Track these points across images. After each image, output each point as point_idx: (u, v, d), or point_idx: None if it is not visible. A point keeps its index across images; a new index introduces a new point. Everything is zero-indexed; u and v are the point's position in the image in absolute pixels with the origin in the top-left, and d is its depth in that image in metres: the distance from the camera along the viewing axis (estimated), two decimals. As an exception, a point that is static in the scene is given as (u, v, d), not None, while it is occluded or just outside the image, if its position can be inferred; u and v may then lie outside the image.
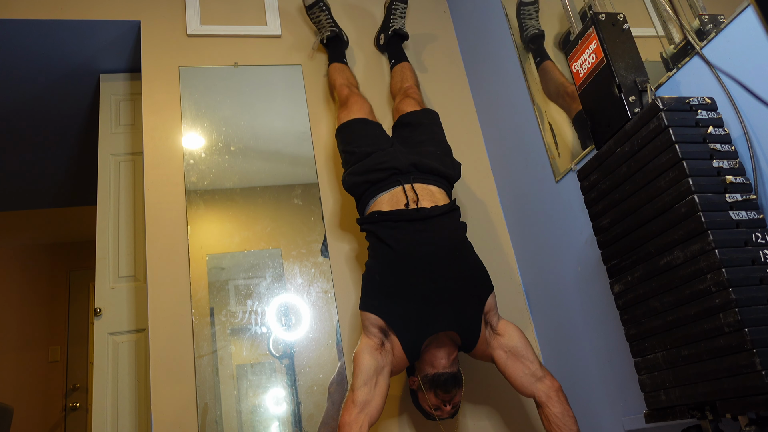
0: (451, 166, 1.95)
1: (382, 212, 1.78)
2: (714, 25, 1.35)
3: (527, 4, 2.11)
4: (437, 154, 1.95)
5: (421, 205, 1.77)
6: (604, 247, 1.42)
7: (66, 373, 4.33)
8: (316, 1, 2.34)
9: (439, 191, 1.85)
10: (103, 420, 2.14)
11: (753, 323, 1.06)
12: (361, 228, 1.86)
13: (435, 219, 1.76)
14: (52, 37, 2.39)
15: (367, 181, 1.86)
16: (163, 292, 2.02)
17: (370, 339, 1.64)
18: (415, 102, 2.19)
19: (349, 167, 1.94)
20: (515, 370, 1.67)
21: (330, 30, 2.39)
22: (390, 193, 1.82)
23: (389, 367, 1.64)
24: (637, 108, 1.34)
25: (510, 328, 1.72)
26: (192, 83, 2.35)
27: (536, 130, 2.10)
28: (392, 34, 2.44)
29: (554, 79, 1.98)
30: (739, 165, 1.21)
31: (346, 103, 2.14)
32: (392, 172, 1.84)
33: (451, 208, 1.81)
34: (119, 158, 2.55)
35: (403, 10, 2.44)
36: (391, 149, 1.93)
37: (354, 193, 1.91)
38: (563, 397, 1.64)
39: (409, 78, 2.34)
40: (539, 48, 2.05)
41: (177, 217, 2.13)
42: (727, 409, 1.11)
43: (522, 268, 2.26)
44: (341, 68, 2.34)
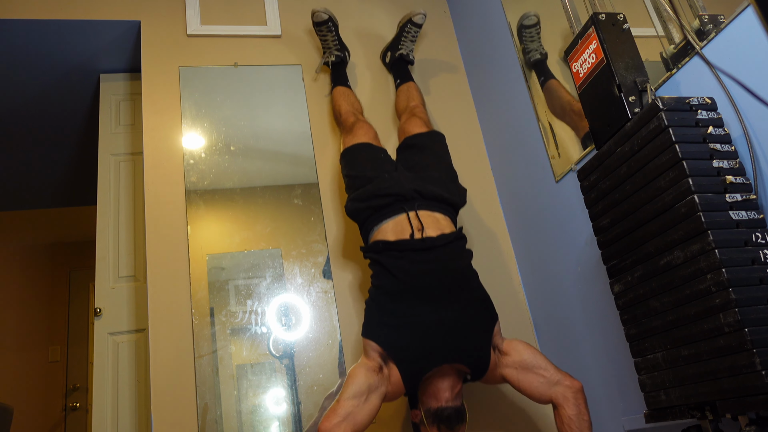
0: (456, 193, 1.89)
1: (387, 242, 1.74)
2: (714, 25, 1.35)
3: (529, 27, 2.09)
4: (443, 180, 1.90)
5: (426, 234, 1.73)
6: (604, 247, 1.42)
7: (66, 373, 4.32)
8: (325, 20, 2.30)
9: (445, 218, 1.81)
10: (103, 420, 2.14)
11: (753, 323, 1.06)
12: (365, 256, 1.82)
13: (441, 249, 1.71)
14: (52, 37, 2.39)
15: (370, 207, 1.82)
16: (163, 292, 2.02)
17: (370, 361, 1.61)
18: (421, 122, 2.14)
19: (352, 193, 1.90)
20: (529, 383, 1.63)
21: (335, 55, 2.37)
22: (394, 220, 1.78)
23: (384, 390, 1.59)
24: (637, 108, 1.34)
25: (515, 344, 1.68)
26: (192, 83, 2.35)
27: (536, 130, 2.10)
28: (398, 57, 2.42)
29: (560, 97, 1.96)
30: (739, 165, 1.21)
31: (352, 129, 2.10)
32: (395, 198, 1.79)
33: (458, 236, 1.77)
34: (119, 158, 2.55)
35: (416, 34, 2.40)
36: (395, 174, 1.89)
37: (356, 220, 1.87)
38: (581, 399, 1.59)
39: (415, 97, 2.30)
40: (543, 68, 2.04)
41: (177, 217, 2.13)
42: (727, 409, 1.11)
43: (522, 268, 2.26)
44: (346, 93, 2.31)
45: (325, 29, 2.33)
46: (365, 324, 1.67)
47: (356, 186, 1.90)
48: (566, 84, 1.94)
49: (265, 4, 2.55)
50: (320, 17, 2.29)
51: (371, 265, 1.79)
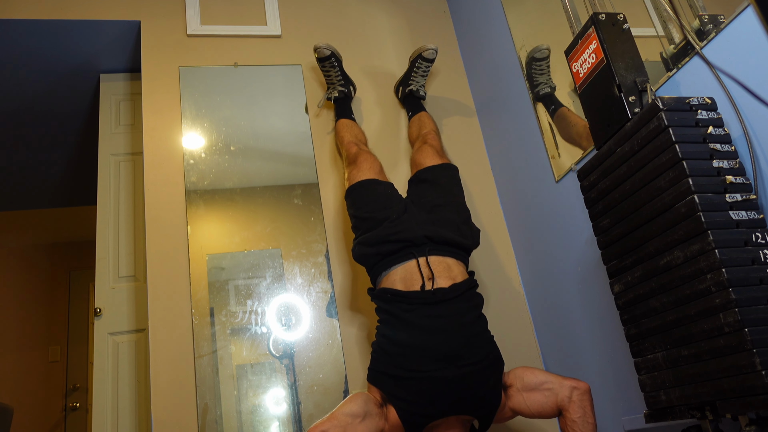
0: (469, 236, 1.83)
1: (396, 292, 1.68)
2: (714, 25, 1.35)
3: (539, 60, 2.07)
4: (455, 223, 1.83)
5: (437, 283, 1.67)
6: (604, 247, 1.42)
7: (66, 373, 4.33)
8: (327, 56, 2.26)
9: (456, 264, 1.75)
10: (103, 420, 2.14)
11: (753, 323, 1.06)
12: (372, 299, 1.78)
13: (452, 301, 1.66)
14: (52, 37, 2.39)
15: (379, 253, 1.75)
16: (163, 292, 2.02)
17: (372, 394, 1.60)
18: (434, 151, 2.08)
19: (360, 235, 1.84)
20: (536, 402, 1.59)
21: (339, 90, 2.34)
22: (403, 267, 1.71)
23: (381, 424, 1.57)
24: (637, 108, 1.34)
25: (515, 372, 1.65)
26: (192, 83, 2.35)
27: (536, 130, 2.10)
28: (408, 93, 2.41)
29: (573, 123, 1.93)
30: (739, 165, 1.21)
31: (356, 162, 2.03)
32: (405, 244, 1.73)
33: (470, 285, 1.72)
34: (119, 158, 2.55)
35: (426, 69, 2.36)
36: (405, 216, 1.82)
37: (364, 264, 1.82)
38: (587, 401, 1.55)
39: (427, 124, 2.27)
40: (552, 99, 2.02)
41: (177, 217, 2.13)
42: (727, 409, 1.11)
43: (522, 268, 2.26)
44: (349, 125, 2.28)
45: (328, 65, 2.29)
46: (371, 369, 1.64)
47: (364, 228, 1.83)
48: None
49: (265, 4, 2.55)
50: (323, 53, 2.26)
51: (378, 311, 1.74)
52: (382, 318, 1.71)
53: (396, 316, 1.66)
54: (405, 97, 2.45)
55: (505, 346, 1.73)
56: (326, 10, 2.60)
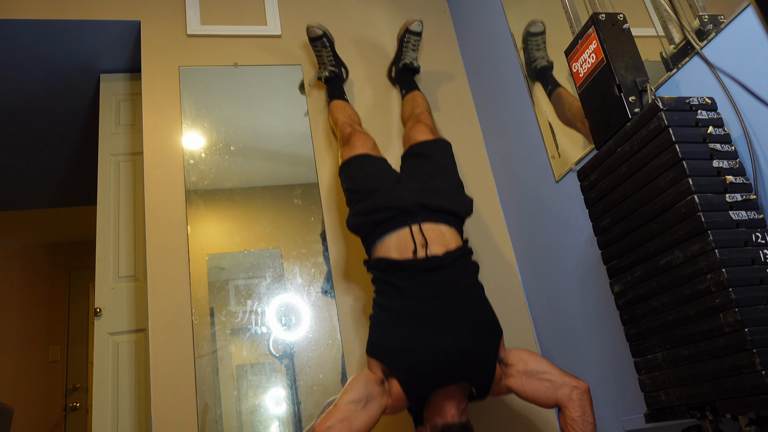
0: (462, 204, 1.84)
1: (390, 260, 1.69)
2: (714, 25, 1.35)
3: (535, 35, 2.07)
4: (447, 192, 1.85)
5: (431, 251, 1.68)
6: (604, 247, 1.42)
7: (66, 373, 4.33)
8: (318, 36, 2.28)
9: (450, 231, 1.75)
10: (103, 420, 2.14)
11: (753, 323, 1.06)
12: (368, 270, 1.78)
13: (447, 268, 1.67)
14: (52, 37, 2.39)
15: (372, 221, 1.76)
16: (163, 292, 2.02)
17: (372, 372, 1.60)
18: (426, 128, 2.10)
19: (353, 207, 1.85)
20: (535, 389, 1.61)
21: (329, 70, 2.34)
22: (397, 235, 1.72)
23: (384, 402, 1.58)
24: (637, 108, 1.34)
25: (519, 353, 1.66)
26: (192, 83, 2.35)
27: (536, 130, 2.10)
28: (402, 67, 2.40)
29: (570, 104, 1.94)
30: (739, 165, 1.21)
31: (349, 141, 2.04)
32: (398, 211, 1.74)
33: (464, 252, 1.73)
34: (119, 158, 2.55)
35: (416, 43, 2.37)
36: (398, 186, 1.83)
37: (358, 234, 1.83)
38: (587, 401, 1.56)
39: (420, 104, 2.28)
40: (549, 77, 2.01)
41: (177, 217, 2.13)
42: (727, 409, 1.11)
43: (522, 268, 2.26)
44: (343, 106, 2.28)
45: (320, 45, 2.31)
46: (369, 341, 1.64)
47: (357, 200, 1.85)
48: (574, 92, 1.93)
49: (265, 4, 2.55)
50: (314, 33, 2.27)
51: (374, 281, 1.75)
52: (378, 288, 1.73)
53: (392, 285, 1.68)
54: (399, 74, 2.44)
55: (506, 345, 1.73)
56: (326, 11, 2.60)
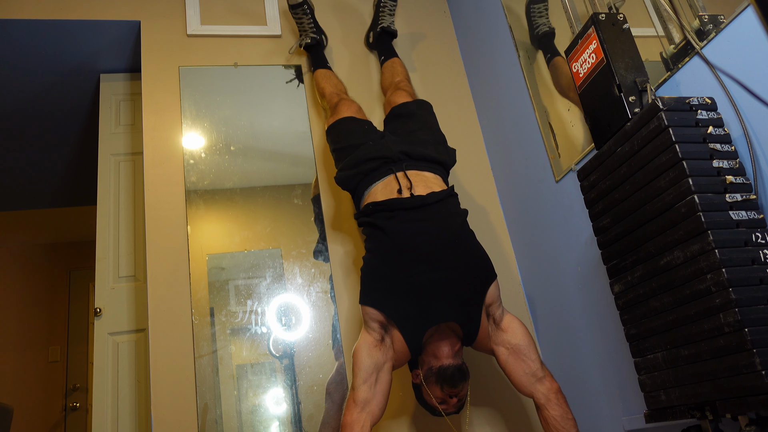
0: (445, 153, 1.90)
1: (376, 203, 1.74)
2: (714, 25, 1.35)
3: (537, 2, 2.08)
4: (430, 142, 1.92)
5: (415, 191, 1.73)
6: (604, 247, 1.42)
7: (66, 373, 4.32)
8: (299, 3, 2.31)
9: (435, 177, 1.81)
10: (103, 420, 2.14)
11: (753, 323, 1.06)
12: (358, 223, 1.83)
13: (432, 206, 1.71)
14: (52, 37, 2.39)
15: (359, 172, 1.83)
16: (163, 292, 2.02)
17: (370, 334, 1.61)
18: (407, 94, 2.17)
19: (340, 163, 1.92)
20: (516, 369, 1.64)
21: (311, 37, 2.37)
22: (383, 182, 1.79)
23: (390, 362, 1.60)
24: (637, 108, 1.34)
25: (515, 324, 1.68)
26: (192, 83, 2.35)
27: (536, 130, 2.10)
28: (380, 31, 2.42)
29: (566, 74, 1.95)
30: (739, 165, 1.21)
31: (336, 108, 2.12)
32: (383, 161, 1.81)
33: (449, 194, 1.77)
34: (119, 158, 2.55)
35: (392, 8, 2.41)
36: (382, 141, 1.91)
37: (347, 187, 1.88)
38: (563, 399, 1.62)
39: (400, 72, 2.32)
40: (549, 44, 2.03)
41: (177, 217, 2.13)
42: (727, 409, 1.11)
43: (522, 268, 2.26)
44: (328, 75, 2.32)
45: (301, 12, 2.33)
46: (362, 291, 1.67)
47: (344, 157, 1.91)
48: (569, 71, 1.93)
49: (265, 4, 2.55)
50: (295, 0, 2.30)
51: (363, 230, 1.79)
52: (366, 234, 1.77)
53: (378, 227, 1.71)
54: (377, 38, 2.46)
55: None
56: (326, 11, 2.60)
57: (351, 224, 2.21)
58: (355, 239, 2.20)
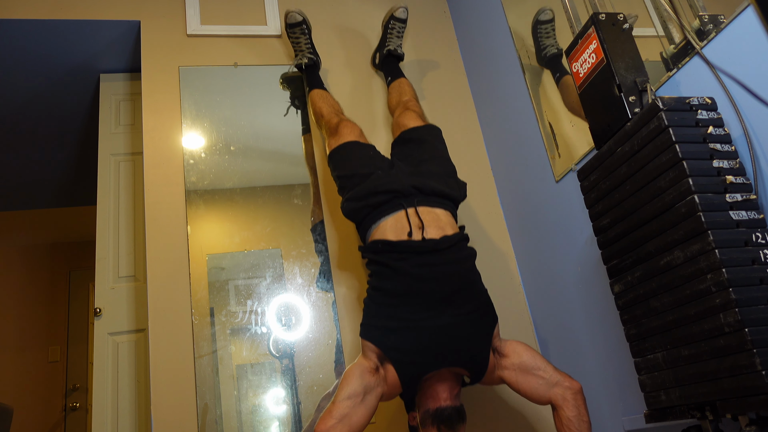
0: (456, 187, 1.84)
1: (386, 242, 1.68)
2: (714, 25, 1.35)
3: (544, 23, 2.07)
4: (441, 175, 1.85)
5: (427, 233, 1.67)
6: (604, 247, 1.42)
7: (66, 373, 4.32)
8: (299, 22, 2.27)
9: (446, 214, 1.76)
10: (103, 420, 2.14)
11: (753, 323, 1.06)
12: (363, 255, 1.77)
13: (442, 252, 1.66)
14: (52, 37, 2.39)
15: (368, 205, 1.75)
16: (163, 292, 2.02)
17: (366, 361, 1.59)
18: (416, 115, 2.10)
19: (347, 193, 1.84)
20: (528, 384, 1.61)
21: (308, 57, 2.33)
22: (393, 218, 1.72)
23: (380, 390, 1.57)
24: (637, 108, 1.34)
25: (514, 346, 1.66)
26: (192, 83, 2.35)
27: (536, 130, 2.10)
28: (386, 54, 2.40)
29: (573, 91, 1.93)
30: (739, 165, 1.21)
31: (337, 130, 2.02)
32: (394, 195, 1.73)
33: (461, 237, 1.72)
34: (119, 158, 2.55)
35: (401, 30, 2.37)
36: (392, 171, 1.83)
37: (354, 219, 1.81)
38: (581, 400, 1.57)
39: (407, 92, 2.27)
40: (558, 64, 2.01)
41: (177, 217, 2.13)
42: (727, 409, 1.11)
43: (522, 268, 2.26)
44: (324, 95, 2.26)
45: (299, 31, 2.30)
46: (363, 324, 1.64)
47: (350, 185, 1.84)
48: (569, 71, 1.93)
49: (265, 4, 2.55)
50: (294, 18, 2.26)
51: (369, 264, 1.74)
52: (373, 271, 1.72)
53: (387, 266, 1.66)
54: (383, 60, 2.43)
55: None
56: (326, 10, 2.60)
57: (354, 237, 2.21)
58: (356, 235, 2.20)
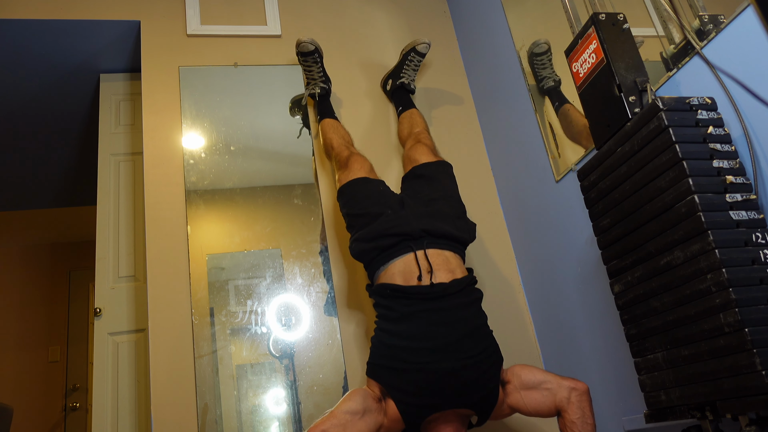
0: (465, 230, 1.83)
1: (395, 287, 1.67)
2: (714, 25, 1.35)
3: (539, 55, 2.07)
4: (451, 216, 1.83)
5: (436, 277, 1.67)
6: (604, 247, 1.42)
7: (66, 373, 4.33)
8: (311, 51, 2.25)
9: (454, 257, 1.75)
10: (103, 420, 2.14)
11: (753, 323, 1.06)
12: (371, 295, 1.77)
13: (452, 296, 1.66)
14: (52, 37, 2.39)
15: (377, 247, 1.74)
16: (163, 292, 2.02)
17: (371, 390, 1.60)
18: (428, 149, 2.07)
19: (356, 232, 1.83)
20: (534, 401, 1.60)
21: (320, 87, 2.32)
22: (402, 261, 1.71)
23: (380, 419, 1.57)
24: (637, 108, 1.34)
25: (513, 369, 1.66)
26: (192, 83, 2.35)
27: (536, 130, 2.10)
28: (399, 85, 2.39)
29: (576, 120, 1.93)
30: (739, 165, 1.21)
31: (347, 164, 2.01)
32: (403, 237, 1.72)
33: (469, 281, 1.72)
34: (119, 158, 2.55)
35: (418, 63, 2.36)
36: (402, 211, 1.82)
37: (362, 260, 1.80)
38: (586, 402, 1.56)
39: (419, 123, 2.25)
40: (556, 93, 2.01)
41: (177, 217, 2.13)
42: (727, 409, 1.11)
43: (522, 268, 2.26)
44: (335, 125, 2.24)
45: (311, 60, 2.28)
46: (370, 363, 1.64)
47: (360, 225, 1.83)
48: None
49: (265, 4, 2.55)
50: (307, 48, 2.23)
51: (376, 306, 1.73)
52: (380, 313, 1.71)
53: (395, 310, 1.66)
54: (394, 91, 2.42)
55: (505, 346, 1.73)
56: (326, 10, 2.61)
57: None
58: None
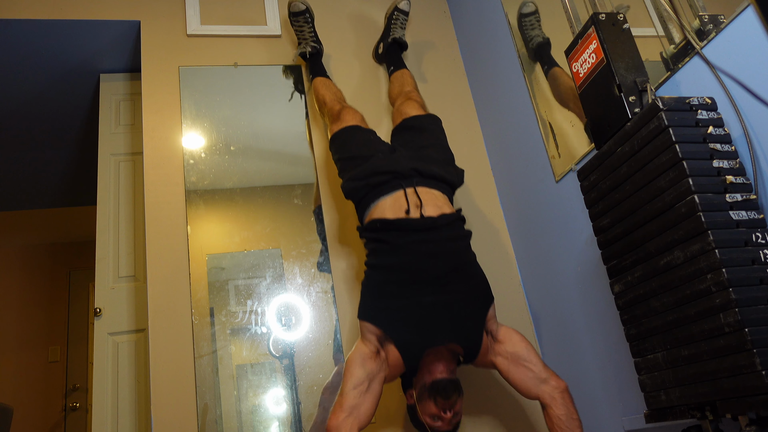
0: (454, 174, 1.90)
1: (384, 220, 1.72)
2: (714, 25, 1.35)
3: (527, 15, 2.10)
4: (440, 161, 1.91)
5: (425, 211, 1.72)
6: (604, 247, 1.42)
7: (66, 373, 4.32)
8: (302, 11, 2.29)
9: (443, 197, 1.80)
10: (103, 420, 2.14)
11: (753, 323, 1.06)
12: (362, 235, 1.80)
13: (442, 229, 1.71)
14: (52, 37, 2.39)
15: (368, 184, 1.80)
16: (163, 292, 2.02)
17: (366, 346, 1.62)
18: (418, 105, 2.15)
19: (348, 173, 1.88)
20: (518, 375, 1.65)
21: (312, 46, 2.35)
22: (392, 197, 1.76)
23: (383, 374, 1.61)
24: (637, 108, 1.34)
25: (511, 334, 1.70)
26: (192, 83, 2.35)
27: (536, 130, 2.10)
28: (391, 42, 2.42)
29: (564, 84, 1.96)
30: (739, 165, 1.21)
31: (339, 116, 2.08)
32: (393, 175, 1.78)
33: (457, 217, 1.77)
34: (119, 158, 2.55)
35: (404, 21, 2.42)
36: (393, 154, 1.89)
37: (353, 198, 1.85)
38: (569, 398, 1.61)
39: (409, 82, 2.31)
40: (546, 55, 2.03)
41: (177, 217, 2.13)
42: (727, 409, 1.11)
43: (522, 268, 2.26)
44: (327, 83, 2.30)
45: (302, 20, 2.32)
46: (361, 305, 1.67)
47: (352, 167, 1.88)
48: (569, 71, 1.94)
49: (265, 4, 2.55)
50: (298, 7, 2.29)
51: (367, 243, 1.77)
52: (370, 249, 1.76)
53: (386, 243, 1.70)
54: (387, 50, 2.45)
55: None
56: (326, 11, 2.60)
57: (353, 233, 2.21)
58: (357, 250, 2.20)
